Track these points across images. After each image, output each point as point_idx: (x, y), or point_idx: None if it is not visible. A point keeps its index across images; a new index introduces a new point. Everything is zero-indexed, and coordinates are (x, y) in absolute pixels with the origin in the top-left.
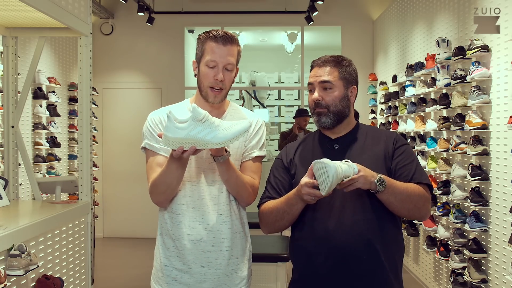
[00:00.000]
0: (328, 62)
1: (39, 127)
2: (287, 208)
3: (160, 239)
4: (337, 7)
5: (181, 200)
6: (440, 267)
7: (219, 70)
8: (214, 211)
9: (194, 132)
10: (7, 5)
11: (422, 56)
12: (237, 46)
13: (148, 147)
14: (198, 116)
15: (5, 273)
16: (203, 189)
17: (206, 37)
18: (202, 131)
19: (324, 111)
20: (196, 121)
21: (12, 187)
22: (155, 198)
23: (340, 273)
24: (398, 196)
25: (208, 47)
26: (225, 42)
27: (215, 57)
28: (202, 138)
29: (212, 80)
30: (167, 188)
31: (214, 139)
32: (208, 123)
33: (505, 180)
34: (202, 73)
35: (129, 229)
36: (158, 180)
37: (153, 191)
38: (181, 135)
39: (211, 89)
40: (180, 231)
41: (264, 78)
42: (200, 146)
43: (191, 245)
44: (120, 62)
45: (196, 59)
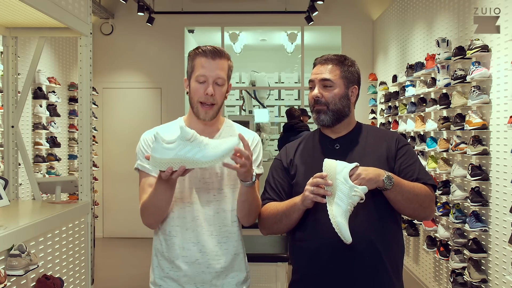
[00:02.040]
0: (330, 60)
1: (39, 127)
2: (288, 212)
3: (155, 260)
4: (337, 7)
5: (175, 221)
6: (440, 267)
7: (209, 84)
8: (209, 232)
9: (182, 152)
10: (7, 5)
11: (422, 56)
12: (228, 61)
13: (141, 168)
14: (186, 135)
15: (5, 273)
16: (197, 210)
17: (195, 53)
18: (191, 150)
19: (323, 109)
20: (184, 141)
21: (12, 187)
22: (145, 220)
23: (342, 274)
24: (405, 194)
25: (198, 63)
26: (214, 56)
27: (204, 72)
28: (191, 158)
29: (202, 95)
30: (156, 210)
31: (203, 158)
32: (197, 142)
33: (505, 180)
34: (193, 89)
35: (129, 229)
36: (147, 202)
37: (143, 213)
38: (169, 156)
39: (201, 104)
40: (174, 253)
41: (264, 78)
42: (189, 166)
43: (186, 266)
44: (120, 62)
45: (187, 76)
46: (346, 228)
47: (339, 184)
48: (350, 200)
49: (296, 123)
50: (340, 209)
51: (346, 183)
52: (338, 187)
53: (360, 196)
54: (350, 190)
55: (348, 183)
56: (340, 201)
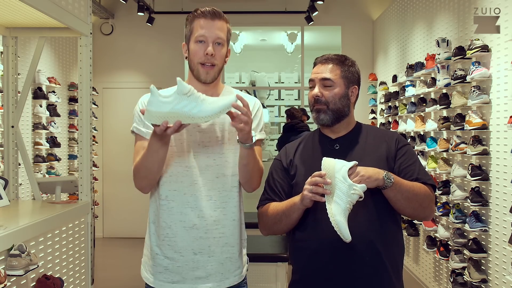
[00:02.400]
0: (331, 60)
1: (39, 127)
2: (287, 212)
3: (152, 226)
4: (337, 7)
5: (173, 185)
6: (440, 267)
7: (209, 44)
8: (208, 197)
9: (179, 106)
10: (7, 5)
11: (422, 56)
12: (226, 23)
13: (136, 131)
14: (184, 89)
15: (5, 273)
16: (196, 175)
17: (193, 16)
18: (188, 105)
19: (323, 108)
20: (181, 95)
21: (12, 187)
22: (137, 183)
23: (342, 274)
24: (404, 193)
25: (197, 24)
26: (213, 17)
27: (203, 32)
28: (188, 112)
29: (202, 56)
30: (148, 173)
31: (200, 113)
32: (194, 97)
33: (505, 180)
34: (192, 50)
35: (129, 229)
36: (140, 163)
37: (135, 175)
38: (165, 109)
39: (202, 65)
40: (171, 218)
41: (264, 78)
42: (185, 121)
43: (183, 232)
44: (120, 62)
45: (185, 40)
46: (346, 226)
47: (338, 183)
48: (349, 198)
49: (297, 123)
50: (339, 208)
51: (345, 182)
52: (337, 186)
53: (359, 194)
54: (349, 188)
55: (347, 181)
56: (339, 200)
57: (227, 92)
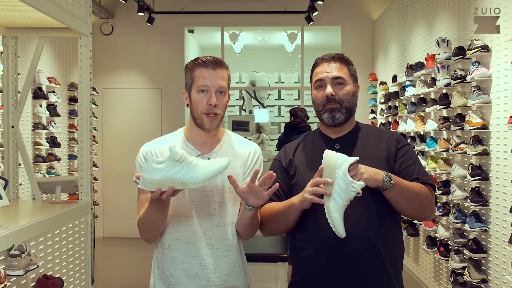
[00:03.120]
0: (335, 59)
1: (39, 127)
2: (285, 211)
3: (156, 272)
4: (337, 7)
5: (175, 235)
6: (440, 267)
7: (212, 94)
8: (209, 246)
9: (171, 172)
10: (7, 5)
11: (422, 56)
12: (227, 70)
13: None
14: (175, 156)
15: (5, 273)
16: (197, 224)
17: (194, 65)
18: (180, 171)
19: (337, 107)
20: (173, 161)
21: (12, 187)
22: (142, 235)
23: (342, 275)
24: (405, 194)
25: (198, 73)
26: (214, 66)
27: (206, 82)
28: (180, 179)
29: (205, 106)
30: (151, 227)
31: (192, 179)
32: (186, 163)
33: (505, 180)
34: (195, 100)
35: (129, 229)
36: (143, 218)
37: (139, 228)
38: (158, 176)
39: (206, 115)
40: (174, 266)
41: (264, 78)
42: (178, 187)
43: (185, 280)
44: (120, 62)
45: (186, 88)
46: (341, 223)
47: (337, 179)
48: (347, 195)
49: (299, 123)
50: (337, 204)
51: (344, 178)
52: (336, 182)
53: (357, 191)
54: (348, 185)
55: (347, 178)
56: (337, 196)
57: (227, 139)
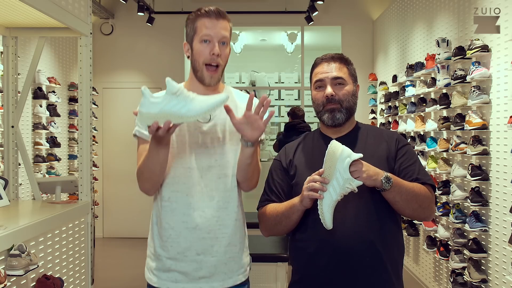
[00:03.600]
0: (335, 59)
1: (39, 127)
2: (287, 213)
3: (155, 228)
4: (337, 7)
5: (175, 186)
6: (440, 267)
7: (215, 44)
8: (210, 198)
9: (168, 106)
10: (7, 5)
11: (422, 56)
12: (229, 22)
13: (138, 134)
14: (172, 89)
15: (5, 273)
16: (198, 175)
17: (197, 15)
18: (177, 104)
19: (338, 107)
20: (170, 95)
21: (12, 187)
22: (141, 186)
23: (342, 275)
24: (404, 195)
25: (201, 23)
26: (217, 17)
27: (209, 31)
28: (177, 112)
29: (208, 56)
30: (151, 175)
31: (189, 112)
32: (183, 96)
33: (505, 180)
34: (197, 50)
35: (129, 229)
36: (142, 166)
37: (138, 178)
38: (155, 110)
39: (207, 67)
40: (174, 219)
41: (264, 78)
42: (175, 121)
43: (185, 232)
44: (120, 62)
45: (187, 39)
46: (330, 216)
47: (336, 174)
48: (342, 191)
49: (299, 123)
50: (330, 198)
51: (343, 174)
52: (335, 176)
53: (353, 189)
54: (345, 182)
55: (346, 175)
56: (333, 190)
57: (227, 92)
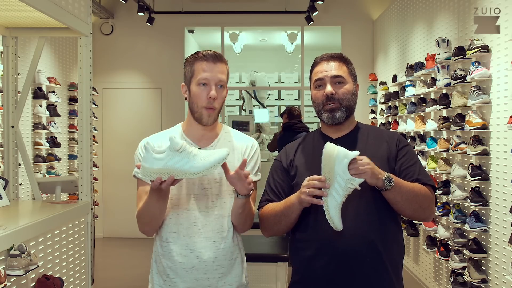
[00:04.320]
0: (334, 58)
1: (39, 127)
2: (286, 212)
3: (154, 266)
4: (337, 7)
5: (172, 228)
6: (440, 267)
7: (211, 87)
8: (207, 239)
9: (171, 162)
10: (7, 5)
11: (422, 56)
12: (226, 65)
13: (137, 175)
14: (175, 146)
15: (5, 273)
16: (194, 217)
17: (195, 58)
18: (180, 161)
19: (337, 106)
20: (173, 151)
21: (12, 187)
22: (141, 228)
23: (343, 275)
24: (404, 195)
25: (198, 67)
26: (215, 60)
27: (206, 75)
28: (180, 168)
29: (205, 99)
30: (151, 219)
31: (191, 169)
32: (186, 153)
33: (505, 180)
34: (194, 93)
35: (129, 229)
36: (142, 210)
37: (138, 220)
38: (158, 166)
39: (205, 109)
40: (172, 260)
41: (264, 78)
42: (178, 176)
43: (183, 273)
44: (120, 62)
45: (185, 82)
46: (339, 218)
47: (336, 177)
48: (345, 192)
49: (295, 123)
50: (335, 201)
51: (343, 176)
52: (336, 179)
53: (355, 187)
54: (347, 183)
55: (346, 176)
56: (336, 193)
57: (225, 133)
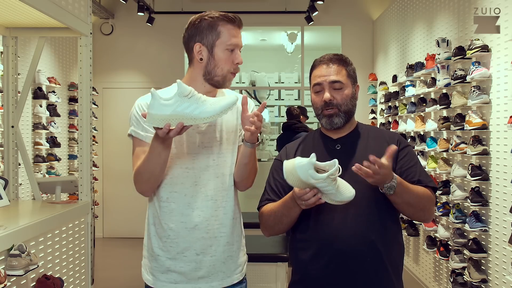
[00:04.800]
0: (334, 60)
1: (39, 127)
2: (286, 211)
3: (152, 228)
4: (337, 7)
5: (173, 187)
6: (440, 267)
7: (238, 54)
8: (208, 197)
9: (181, 108)
10: (7, 5)
11: (422, 56)
12: None
13: (134, 134)
14: (184, 91)
15: (5, 273)
16: (196, 175)
17: (219, 19)
18: (189, 106)
19: (335, 112)
20: (182, 97)
21: (12, 187)
22: (139, 187)
23: (343, 275)
24: (406, 199)
25: (226, 30)
26: (240, 25)
27: (237, 41)
28: (190, 114)
29: (233, 65)
30: (151, 176)
31: (201, 114)
32: (195, 98)
33: (505, 180)
34: (220, 58)
35: (129, 229)
36: (142, 167)
37: (137, 179)
38: (167, 112)
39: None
40: (173, 219)
41: (264, 78)
42: (187, 122)
43: (185, 232)
44: (120, 62)
45: (204, 42)
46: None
47: (317, 185)
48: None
49: (294, 124)
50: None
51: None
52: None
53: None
54: (328, 180)
55: (319, 177)
56: (329, 193)
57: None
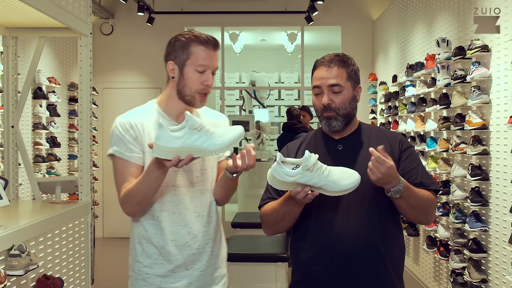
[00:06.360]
0: (334, 62)
1: (39, 127)
2: (288, 209)
3: (139, 248)
4: (337, 7)
5: (162, 206)
6: (440, 267)
7: (209, 75)
8: (196, 214)
9: (190, 140)
10: (7, 5)
11: (422, 56)
12: None
13: (118, 155)
14: (194, 124)
15: (5, 273)
16: (182, 193)
17: (192, 40)
18: (199, 139)
19: (334, 115)
20: (191, 130)
21: (12, 187)
22: (129, 209)
23: (344, 276)
24: (410, 202)
25: (198, 51)
26: (215, 48)
27: (207, 62)
28: (199, 146)
29: (201, 86)
30: (143, 198)
31: (211, 146)
32: (204, 131)
33: (505, 180)
34: (190, 78)
35: (129, 229)
36: (134, 190)
37: (127, 201)
38: (176, 145)
39: (199, 94)
40: (164, 238)
41: (264, 78)
42: (196, 154)
43: (176, 250)
44: (120, 62)
45: (176, 62)
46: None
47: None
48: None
49: (294, 124)
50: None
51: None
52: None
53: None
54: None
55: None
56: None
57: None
